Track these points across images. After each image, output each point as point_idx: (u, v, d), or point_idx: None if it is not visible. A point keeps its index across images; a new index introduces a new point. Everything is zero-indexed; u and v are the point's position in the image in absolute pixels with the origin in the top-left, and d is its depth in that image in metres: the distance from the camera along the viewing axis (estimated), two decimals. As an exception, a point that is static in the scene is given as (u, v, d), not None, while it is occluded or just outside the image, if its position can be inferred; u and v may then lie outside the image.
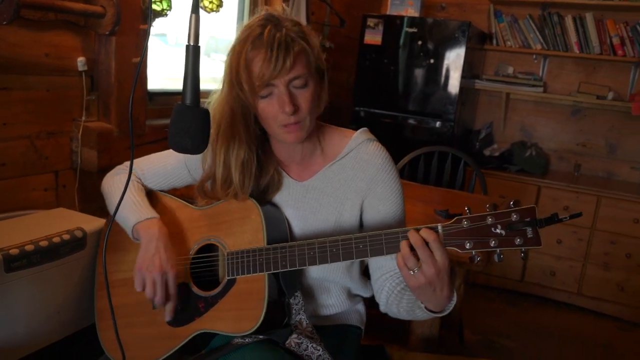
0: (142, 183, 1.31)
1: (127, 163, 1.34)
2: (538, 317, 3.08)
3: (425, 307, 1.03)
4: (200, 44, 0.93)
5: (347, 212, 1.17)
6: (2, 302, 1.22)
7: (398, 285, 1.14)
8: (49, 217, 1.52)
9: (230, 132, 1.11)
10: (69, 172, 1.78)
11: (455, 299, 1.02)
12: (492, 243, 0.93)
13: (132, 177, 1.28)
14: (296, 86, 1.05)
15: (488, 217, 0.93)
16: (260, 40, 1.01)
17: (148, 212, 1.20)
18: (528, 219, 0.91)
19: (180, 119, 0.94)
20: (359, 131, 1.20)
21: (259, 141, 1.17)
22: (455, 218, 0.95)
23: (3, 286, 1.21)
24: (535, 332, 2.88)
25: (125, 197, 1.19)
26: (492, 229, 0.93)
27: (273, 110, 1.05)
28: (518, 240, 0.91)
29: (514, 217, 0.91)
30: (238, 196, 1.15)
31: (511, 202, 0.93)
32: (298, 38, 1.03)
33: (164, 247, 1.15)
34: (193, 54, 0.93)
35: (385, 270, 1.16)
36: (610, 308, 3.13)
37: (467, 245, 0.94)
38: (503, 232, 0.92)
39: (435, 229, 0.96)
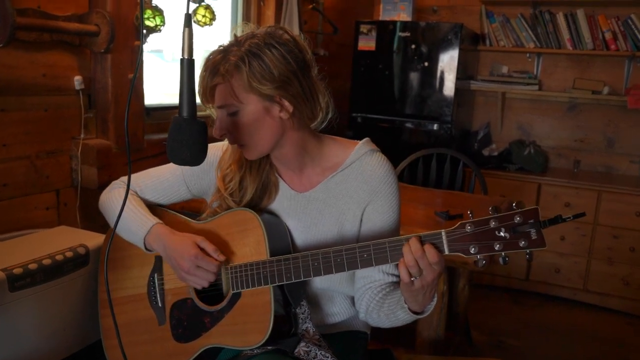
0: (139, 197, 1.29)
1: (123, 178, 1.33)
2: (545, 315, 3.07)
3: (409, 308, 1.05)
4: (194, 58, 0.94)
5: (349, 222, 1.16)
6: (8, 322, 1.22)
7: (378, 294, 1.14)
8: (52, 235, 1.52)
9: None
10: (70, 190, 1.78)
11: (435, 300, 1.04)
12: (497, 246, 0.92)
13: (129, 192, 1.28)
14: (227, 113, 1.07)
15: (491, 220, 0.92)
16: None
17: (149, 220, 1.20)
18: (531, 221, 0.90)
19: (178, 131, 0.95)
20: (361, 142, 1.19)
21: None
22: (459, 223, 0.95)
23: (8, 305, 1.21)
24: (542, 330, 2.87)
25: (126, 212, 1.19)
26: (496, 232, 0.92)
27: None
28: (522, 243, 0.91)
29: (517, 219, 0.91)
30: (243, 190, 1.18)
31: (513, 204, 0.93)
32: (235, 64, 1.01)
33: (173, 244, 1.15)
34: (188, 67, 0.94)
35: (369, 281, 1.16)
36: (617, 303, 3.12)
37: (472, 250, 0.94)
38: (507, 235, 0.92)
39: (439, 236, 0.96)
